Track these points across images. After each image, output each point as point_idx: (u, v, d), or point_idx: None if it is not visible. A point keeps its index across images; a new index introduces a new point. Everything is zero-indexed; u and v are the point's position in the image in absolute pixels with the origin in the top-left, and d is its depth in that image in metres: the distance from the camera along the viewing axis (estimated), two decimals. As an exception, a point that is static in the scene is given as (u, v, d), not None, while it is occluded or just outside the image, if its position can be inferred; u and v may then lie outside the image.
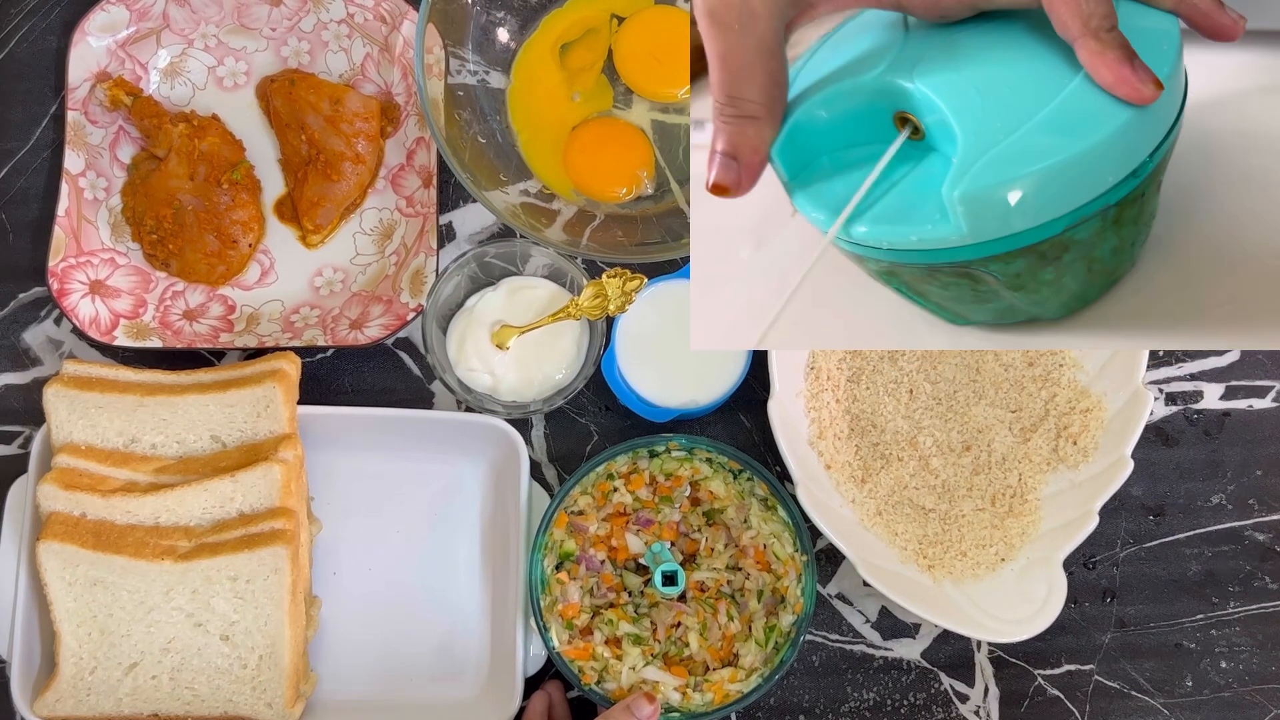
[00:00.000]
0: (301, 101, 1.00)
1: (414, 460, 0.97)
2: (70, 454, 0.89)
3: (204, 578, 0.87)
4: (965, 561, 0.94)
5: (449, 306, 0.96)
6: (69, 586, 0.87)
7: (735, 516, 0.93)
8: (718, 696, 0.89)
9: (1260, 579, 1.00)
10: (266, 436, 0.91)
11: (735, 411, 1.01)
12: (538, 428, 1.01)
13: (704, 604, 0.91)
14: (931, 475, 0.97)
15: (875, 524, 0.96)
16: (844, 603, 0.99)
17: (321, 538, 0.95)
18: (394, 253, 1.01)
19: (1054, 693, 0.98)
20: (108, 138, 1.02)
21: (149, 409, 0.91)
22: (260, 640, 0.88)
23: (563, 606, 0.90)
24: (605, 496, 0.93)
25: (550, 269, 0.97)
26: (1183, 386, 1.03)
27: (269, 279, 1.02)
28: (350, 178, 1.01)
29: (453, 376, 0.95)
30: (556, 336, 0.95)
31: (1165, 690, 0.98)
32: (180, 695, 0.88)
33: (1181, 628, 0.99)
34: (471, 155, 0.97)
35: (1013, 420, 0.98)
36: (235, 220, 1.00)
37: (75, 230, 0.99)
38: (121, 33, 1.01)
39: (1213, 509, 1.01)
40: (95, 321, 0.96)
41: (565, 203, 1.01)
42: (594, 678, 0.90)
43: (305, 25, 1.04)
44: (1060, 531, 0.93)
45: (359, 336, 0.97)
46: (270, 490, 0.89)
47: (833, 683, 0.98)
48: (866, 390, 0.98)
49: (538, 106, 1.03)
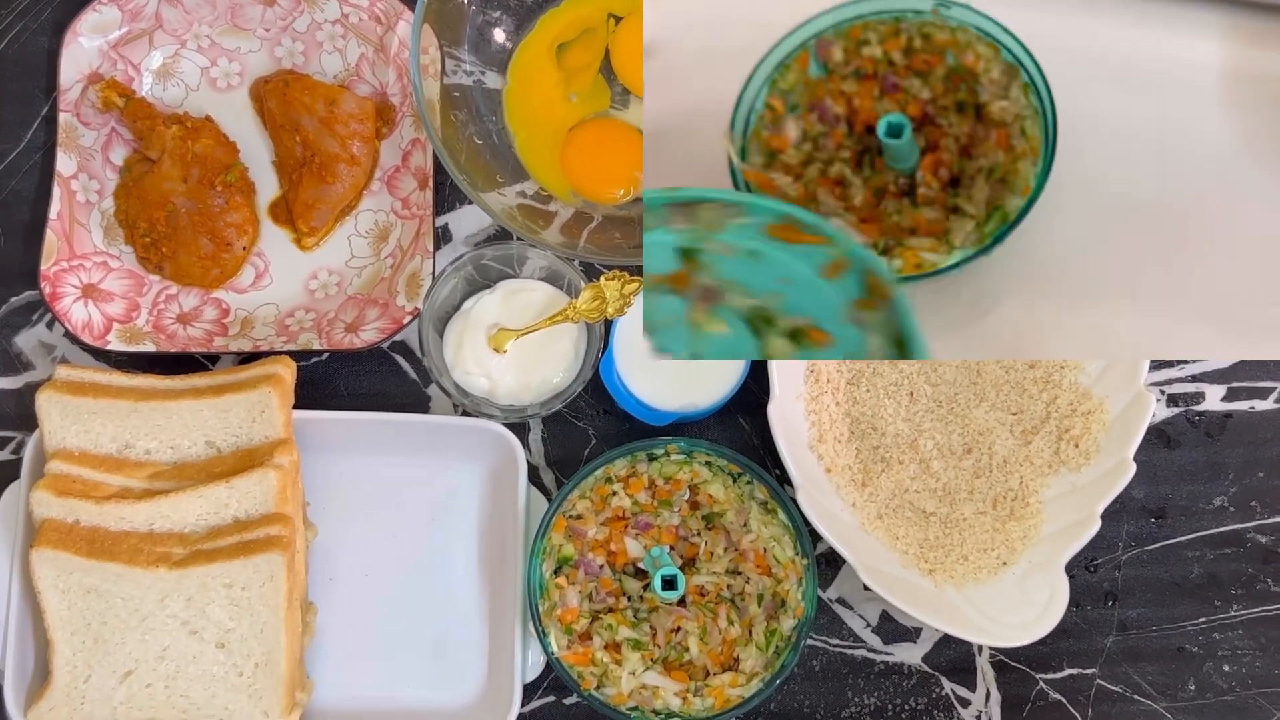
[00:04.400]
0: (296, 103, 1.00)
1: (410, 465, 0.96)
2: (63, 460, 0.89)
3: (199, 585, 0.87)
4: (966, 565, 0.94)
5: (445, 309, 0.96)
6: (63, 594, 0.87)
7: (735, 520, 0.92)
8: (718, 701, 0.89)
9: (1263, 581, 1.00)
10: (262, 441, 0.90)
11: (734, 415, 1.00)
12: (535, 431, 1.00)
13: (704, 608, 0.91)
14: (932, 478, 0.96)
15: (876, 528, 0.95)
16: (845, 607, 0.99)
17: (317, 543, 0.95)
18: (390, 255, 1.01)
19: (1056, 697, 0.98)
20: (100, 140, 1.01)
21: (143, 414, 0.90)
22: (256, 647, 0.87)
23: (561, 611, 0.90)
24: (604, 500, 0.92)
25: (547, 271, 0.97)
26: (1184, 388, 1.03)
27: (263, 282, 1.01)
28: (345, 180, 1.00)
29: (449, 380, 0.94)
30: (554, 339, 0.94)
31: (1168, 694, 0.98)
32: (175, 703, 0.87)
33: (1184, 631, 0.99)
34: (468, 156, 0.96)
35: (1014, 423, 0.97)
36: (229, 223, 0.99)
37: (67, 233, 0.98)
38: (113, 33, 1.01)
39: (1215, 511, 1.01)
40: (88, 326, 0.96)
41: (562, 204, 1.00)
42: (593, 683, 0.89)
43: (299, 25, 1.03)
44: (1062, 535, 0.93)
45: (355, 340, 0.96)
46: (266, 496, 0.88)
47: (833, 688, 0.98)
48: (866, 393, 0.97)
49: (534, 107, 1.02)
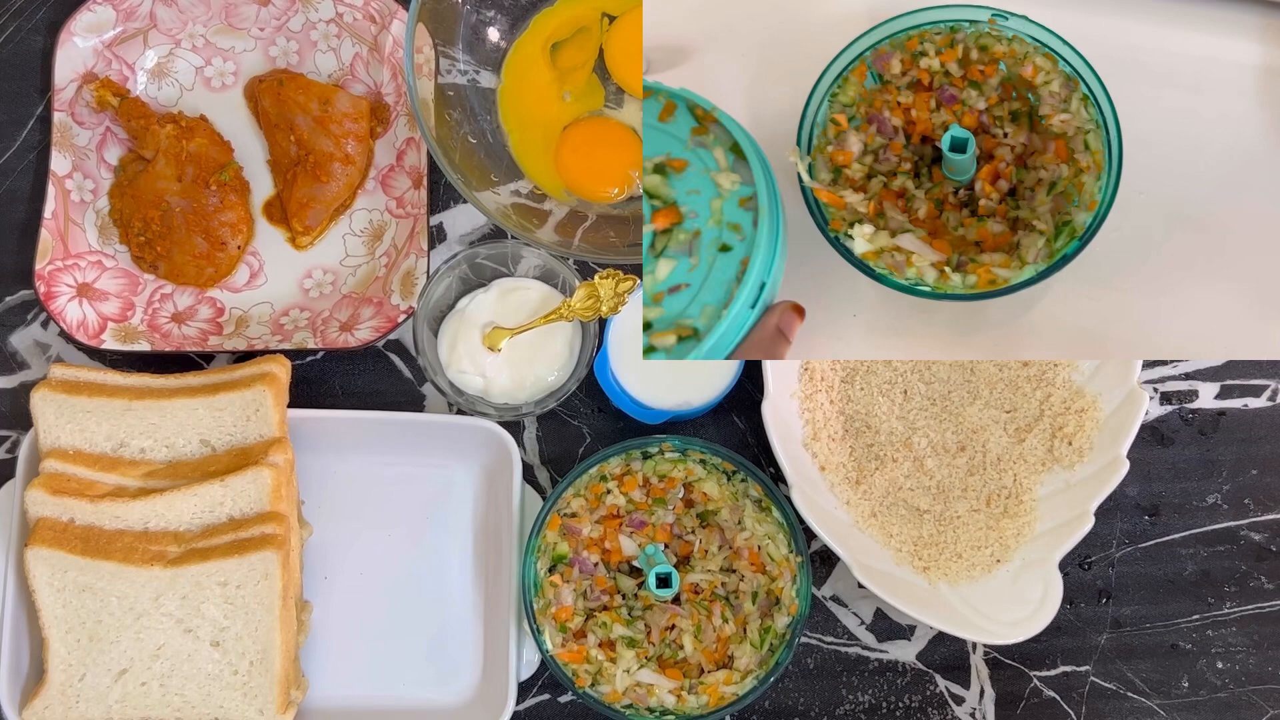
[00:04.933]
0: (290, 102, 1.00)
1: (405, 463, 0.96)
2: (58, 459, 0.88)
3: (194, 583, 0.87)
4: (960, 563, 0.94)
5: (440, 308, 0.96)
6: (57, 593, 0.87)
7: (729, 518, 0.93)
8: (713, 699, 0.89)
9: (1256, 579, 1.00)
10: (256, 440, 0.90)
11: (729, 413, 1.00)
12: (530, 430, 1.00)
13: (698, 606, 0.91)
14: (926, 476, 0.96)
15: (870, 525, 0.95)
16: (839, 605, 0.99)
17: (312, 542, 0.95)
18: (384, 254, 1.01)
19: (1050, 694, 0.98)
20: (94, 139, 1.01)
21: (137, 413, 0.90)
22: (251, 646, 0.87)
23: (556, 609, 0.90)
24: (598, 498, 0.93)
25: (542, 270, 0.97)
26: (1178, 386, 1.03)
27: (258, 281, 1.01)
28: (340, 179, 1.00)
29: (444, 379, 0.94)
30: (548, 338, 0.94)
31: (1161, 691, 0.98)
32: (170, 702, 0.87)
33: (1177, 628, 0.99)
34: (462, 155, 0.96)
35: (1007, 421, 0.97)
36: (224, 222, 0.99)
37: (62, 232, 0.98)
38: (108, 33, 1.01)
39: (1208, 509, 1.01)
40: (83, 325, 0.96)
41: (557, 203, 1.00)
42: (588, 681, 0.89)
43: (294, 25, 1.03)
44: (1056, 532, 0.93)
45: (349, 339, 0.96)
46: (260, 494, 0.88)
47: (828, 685, 0.98)
48: (861, 391, 0.97)
49: (529, 106, 1.02)
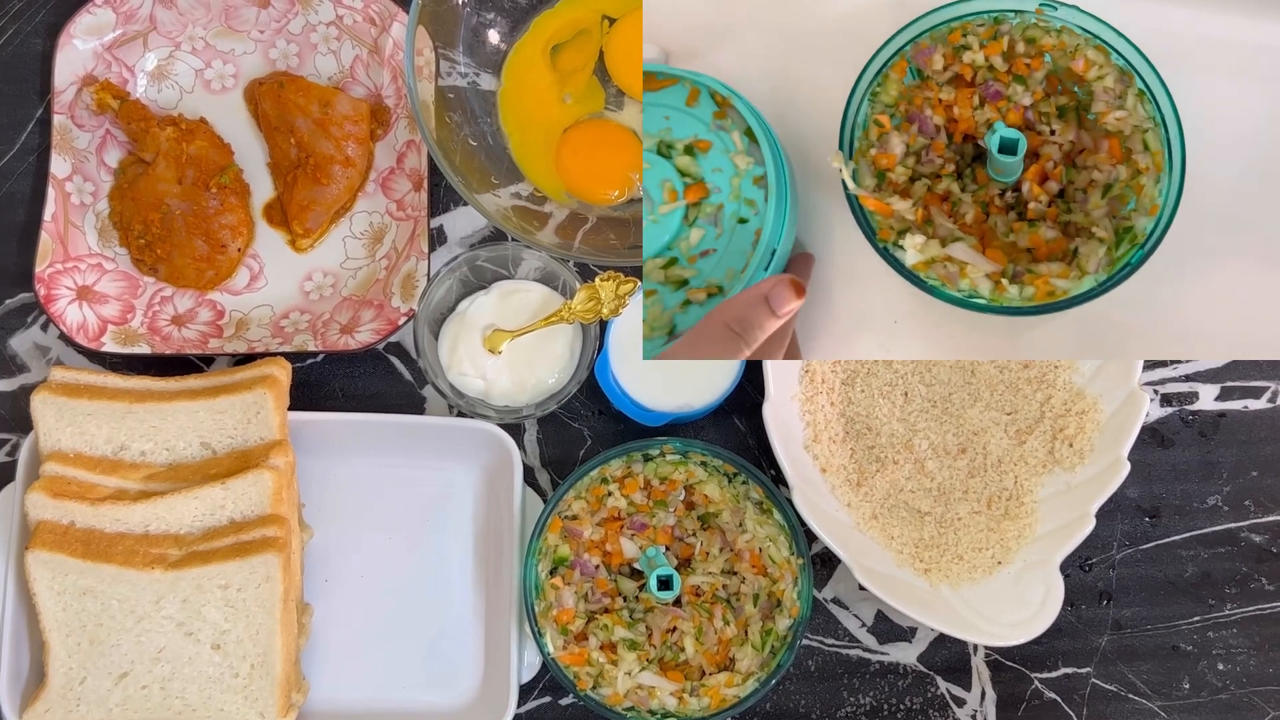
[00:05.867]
0: (290, 104, 1.00)
1: (406, 466, 0.96)
2: (58, 462, 0.88)
3: (195, 586, 0.86)
4: (961, 565, 0.94)
5: (440, 311, 0.96)
6: (58, 596, 0.86)
7: (730, 520, 0.92)
8: (714, 701, 0.89)
9: (1257, 580, 1.00)
10: (257, 443, 0.90)
11: (730, 415, 1.00)
12: (531, 432, 1.00)
13: (700, 608, 0.91)
14: (927, 478, 0.96)
15: (871, 527, 0.95)
16: (840, 607, 0.99)
17: (313, 544, 0.95)
18: (384, 256, 1.01)
19: (1051, 696, 0.98)
20: (94, 142, 1.01)
21: (138, 416, 0.90)
22: (252, 649, 0.87)
23: (557, 612, 0.90)
24: (599, 501, 0.92)
25: (542, 272, 0.97)
26: (1178, 388, 1.03)
27: (258, 284, 1.01)
28: (340, 181, 1.00)
29: (445, 381, 0.94)
30: (549, 340, 0.94)
31: (1162, 693, 0.98)
32: (171, 705, 0.87)
33: (1178, 630, 0.99)
34: (462, 158, 0.96)
35: (1008, 422, 0.97)
36: (224, 224, 0.99)
37: (62, 235, 0.98)
38: (108, 35, 1.01)
39: (1209, 510, 1.01)
40: (83, 327, 0.96)
41: (557, 205, 1.00)
42: (589, 683, 0.89)
43: (294, 27, 1.03)
44: (1057, 534, 0.93)
45: (350, 341, 0.96)
46: (261, 497, 0.88)
47: (829, 687, 0.98)
48: (861, 393, 0.97)
49: (529, 108, 1.02)
